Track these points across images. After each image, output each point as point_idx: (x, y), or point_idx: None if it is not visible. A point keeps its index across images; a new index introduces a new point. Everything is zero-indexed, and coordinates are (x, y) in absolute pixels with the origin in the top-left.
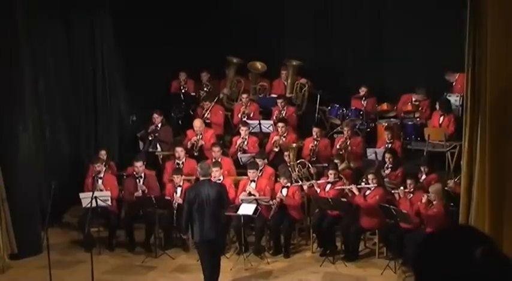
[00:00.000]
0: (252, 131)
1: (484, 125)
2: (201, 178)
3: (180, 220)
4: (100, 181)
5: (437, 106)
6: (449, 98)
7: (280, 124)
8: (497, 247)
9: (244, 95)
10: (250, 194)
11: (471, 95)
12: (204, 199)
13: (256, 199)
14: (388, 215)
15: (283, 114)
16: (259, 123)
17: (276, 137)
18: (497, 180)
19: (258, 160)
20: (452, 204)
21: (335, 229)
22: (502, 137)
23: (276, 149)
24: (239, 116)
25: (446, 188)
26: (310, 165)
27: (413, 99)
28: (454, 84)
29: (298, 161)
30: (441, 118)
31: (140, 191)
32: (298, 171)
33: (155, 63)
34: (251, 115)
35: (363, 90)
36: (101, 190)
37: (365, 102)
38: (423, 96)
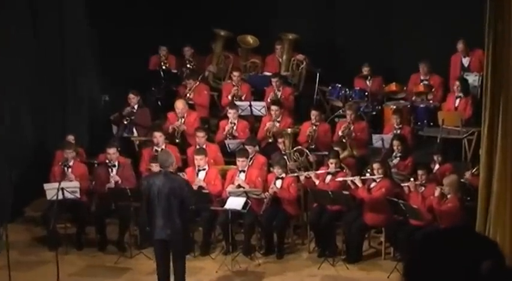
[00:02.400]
0: (242, 114)
1: (506, 109)
2: (158, 169)
3: None
4: (69, 170)
5: (455, 87)
6: (466, 77)
7: (274, 107)
8: (506, 260)
9: (236, 73)
10: (239, 186)
11: (492, 75)
12: (156, 193)
13: (245, 192)
14: (396, 211)
15: (278, 96)
16: (250, 105)
17: (269, 122)
18: None
19: (248, 147)
20: (469, 198)
21: (335, 226)
22: None
23: (269, 135)
24: (229, 97)
25: (462, 180)
26: (308, 153)
27: (421, 77)
28: (470, 61)
29: (295, 149)
30: (457, 100)
31: (113, 181)
32: (294, 160)
33: (132, 38)
34: (241, 96)
35: (365, 70)
36: (71, 180)
37: (370, 82)
38: (427, 70)
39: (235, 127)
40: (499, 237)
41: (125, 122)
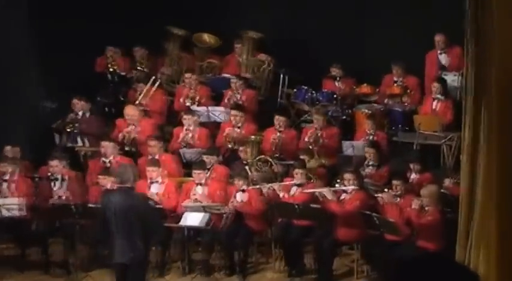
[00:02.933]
0: (200, 120)
1: (489, 111)
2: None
3: None
4: (5, 185)
5: (432, 88)
6: (445, 77)
7: (234, 112)
8: None
9: (188, 75)
10: (196, 200)
11: (473, 74)
12: (114, 212)
13: (204, 207)
14: (371, 225)
15: (238, 99)
16: (208, 111)
17: (229, 129)
18: (507, 179)
19: (206, 157)
20: (450, 210)
21: (304, 242)
22: None
23: (230, 142)
24: (182, 101)
25: (442, 190)
26: (272, 162)
27: (394, 78)
28: (449, 60)
29: (258, 158)
30: (435, 103)
31: (56, 197)
32: (257, 170)
33: (78, 39)
34: (199, 100)
35: (335, 70)
36: (6, 197)
37: (340, 83)
38: (401, 72)
39: (191, 135)
40: (483, 251)
41: (68, 130)
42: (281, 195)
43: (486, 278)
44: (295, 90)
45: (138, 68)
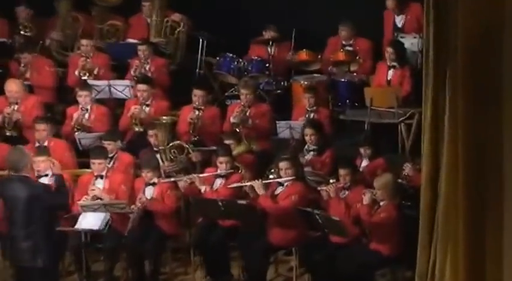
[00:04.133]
0: (98, 97)
1: (454, 81)
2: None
3: None
4: None
5: (386, 54)
6: (401, 40)
7: (141, 86)
8: None
9: (84, 41)
10: (95, 197)
11: (435, 36)
12: (11, 205)
13: (105, 205)
14: (312, 225)
15: (147, 71)
16: (109, 86)
17: (135, 107)
18: (476, 164)
19: (107, 144)
20: (409, 203)
21: (229, 247)
22: (483, 101)
23: (137, 126)
24: (77, 73)
25: (399, 180)
26: (189, 149)
27: (342, 42)
28: (405, 19)
29: (171, 144)
30: (391, 72)
31: None
32: (171, 159)
33: None
34: (97, 72)
35: (267, 33)
36: None
37: (273, 49)
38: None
39: (87, 115)
40: (450, 255)
41: None
42: (201, 189)
43: None
44: (218, 58)
45: (22, 32)
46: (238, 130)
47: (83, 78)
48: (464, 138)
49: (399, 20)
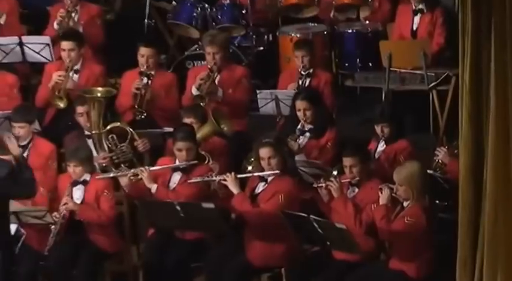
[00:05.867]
0: (5, 61)
1: (503, 33)
2: None
3: None
4: None
5: None
6: None
7: (66, 43)
8: None
9: None
10: None
11: None
12: None
13: (14, 213)
14: (307, 236)
15: (75, 22)
16: (20, 44)
17: (58, 74)
18: None
19: (18, 126)
20: (445, 204)
21: (193, 269)
22: None
23: (61, 101)
24: None
25: (430, 171)
26: (134, 134)
27: None
28: None
29: (110, 126)
30: (416, 18)
31: None
32: (109, 148)
33: None
34: (3, 22)
35: None
36: None
37: None
38: None
39: None
40: (501, 275)
41: None
42: (152, 188)
43: None
44: (174, 3)
45: None
46: (203, 104)
47: None
48: None
49: None
